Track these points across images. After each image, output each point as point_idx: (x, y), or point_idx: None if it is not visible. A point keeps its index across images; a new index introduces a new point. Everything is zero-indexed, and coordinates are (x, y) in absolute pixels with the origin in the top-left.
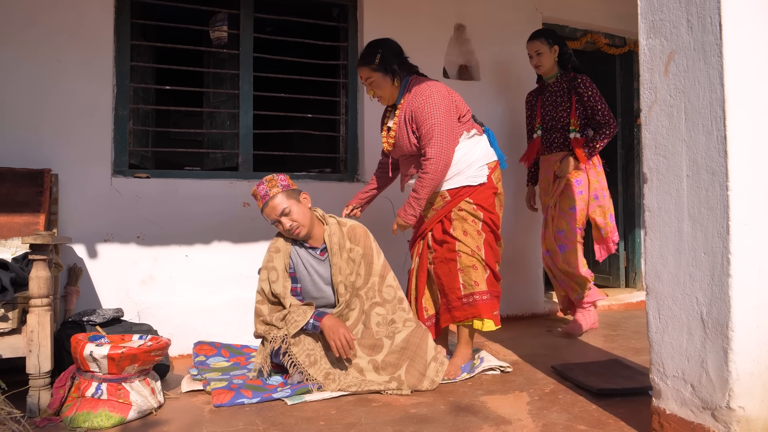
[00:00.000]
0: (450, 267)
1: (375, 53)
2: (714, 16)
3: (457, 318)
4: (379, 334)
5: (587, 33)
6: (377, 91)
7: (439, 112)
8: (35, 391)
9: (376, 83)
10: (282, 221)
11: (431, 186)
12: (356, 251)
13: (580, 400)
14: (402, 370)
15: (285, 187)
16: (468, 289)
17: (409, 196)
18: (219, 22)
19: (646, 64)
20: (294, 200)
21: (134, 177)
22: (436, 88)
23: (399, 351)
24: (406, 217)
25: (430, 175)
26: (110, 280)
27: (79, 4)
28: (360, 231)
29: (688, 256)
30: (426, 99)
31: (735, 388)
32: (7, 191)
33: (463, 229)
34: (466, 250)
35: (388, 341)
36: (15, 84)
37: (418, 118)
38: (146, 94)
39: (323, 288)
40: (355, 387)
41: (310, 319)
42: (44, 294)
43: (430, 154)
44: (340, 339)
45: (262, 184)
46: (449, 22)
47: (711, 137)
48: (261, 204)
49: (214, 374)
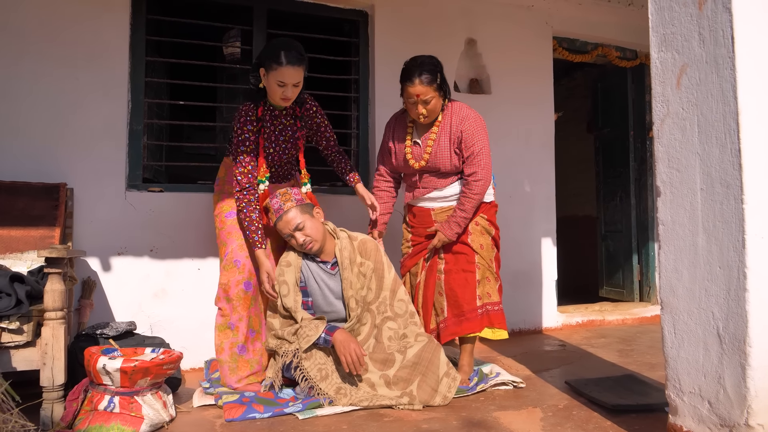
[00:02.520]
0: (468, 278)
1: (437, 72)
2: (726, 29)
3: (470, 329)
4: (391, 348)
5: (598, 46)
6: (429, 110)
7: (485, 136)
8: (48, 404)
9: (434, 102)
10: (295, 236)
11: (477, 203)
12: (367, 265)
13: (594, 416)
14: (414, 385)
15: (299, 202)
16: (483, 300)
17: (456, 215)
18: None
19: (657, 78)
20: (308, 215)
21: (148, 191)
22: (476, 113)
23: (411, 366)
24: (452, 234)
25: (479, 194)
26: (123, 293)
27: (96, 22)
28: (371, 245)
29: (704, 270)
30: (474, 123)
31: (754, 405)
32: (23, 205)
33: (480, 243)
34: (483, 263)
35: (400, 356)
36: (32, 99)
37: (467, 140)
38: (160, 109)
39: (334, 302)
40: (366, 402)
41: (321, 333)
42: (59, 307)
43: (480, 175)
44: (351, 354)
45: (275, 198)
46: (460, 36)
47: (725, 150)
48: (274, 218)
49: (224, 388)
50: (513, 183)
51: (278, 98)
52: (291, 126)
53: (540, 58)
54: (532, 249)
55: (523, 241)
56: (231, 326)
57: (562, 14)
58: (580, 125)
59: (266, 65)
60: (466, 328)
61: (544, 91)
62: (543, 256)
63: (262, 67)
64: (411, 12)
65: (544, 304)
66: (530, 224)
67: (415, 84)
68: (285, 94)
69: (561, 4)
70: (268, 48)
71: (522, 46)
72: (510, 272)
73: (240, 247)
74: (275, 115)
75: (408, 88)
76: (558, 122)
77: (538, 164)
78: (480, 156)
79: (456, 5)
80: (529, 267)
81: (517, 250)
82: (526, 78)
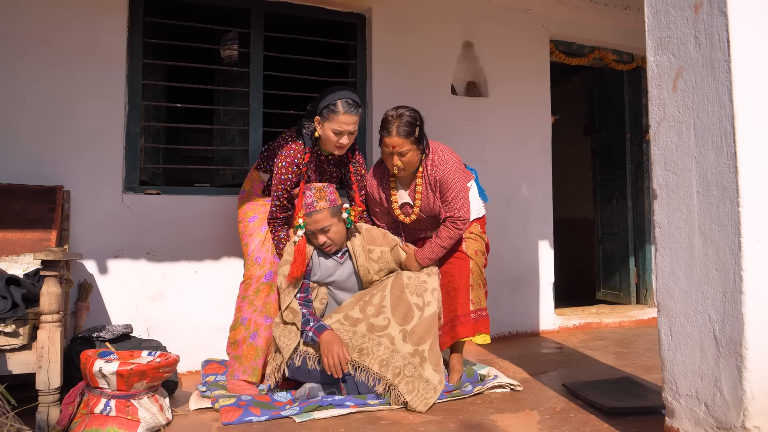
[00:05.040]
0: (462, 284)
1: (415, 126)
2: (722, 32)
3: (464, 333)
4: (410, 287)
5: (595, 49)
6: (407, 162)
7: (461, 177)
8: (44, 408)
9: (410, 155)
10: (318, 236)
11: (458, 237)
12: (378, 250)
13: (591, 419)
14: (426, 345)
15: (332, 203)
16: (475, 305)
17: (435, 243)
18: (230, 41)
19: (654, 81)
20: (336, 218)
21: (145, 194)
22: (450, 155)
23: (426, 326)
24: (424, 261)
25: (460, 232)
26: (120, 296)
27: (94, 24)
28: (376, 232)
29: (700, 272)
30: (449, 167)
31: (750, 408)
32: (19, 208)
33: (474, 249)
34: (476, 270)
35: (419, 312)
36: (29, 102)
37: (443, 186)
38: (157, 112)
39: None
40: (386, 357)
41: (309, 332)
42: (55, 310)
43: (463, 215)
44: (333, 357)
45: (310, 191)
46: (457, 39)
47: (721, 153)
48: (303, 210)
49: (221, 391)
50: (510, 186)
51: (333, 146)
52: (330, 170)
53: (537, 61)
54: (529, 251)
55: (521, 243)
56: (242, 321)
57: (559, 18)
58: (577, 128)
59: (322, 114)
60: (460, 332)
61: (541, 94)
62: (540, 259)
63: (317, 115)
64: (409, 15)
65: (541, 307)
66: (527, 227)
67: (393, 136)
68: (341, 141)
69: (558, 8)
70: (324, 96)
71: (519, 49)
72: (507, 275)
73: (261, 244)
74: (321, 160)
75: (385, 139)
76: (555, 125)
77: (535, 167)
78: (457, 199)
79: (453, 8)
80: (526, 269)
81: (514, 252)
82: (524, 81)
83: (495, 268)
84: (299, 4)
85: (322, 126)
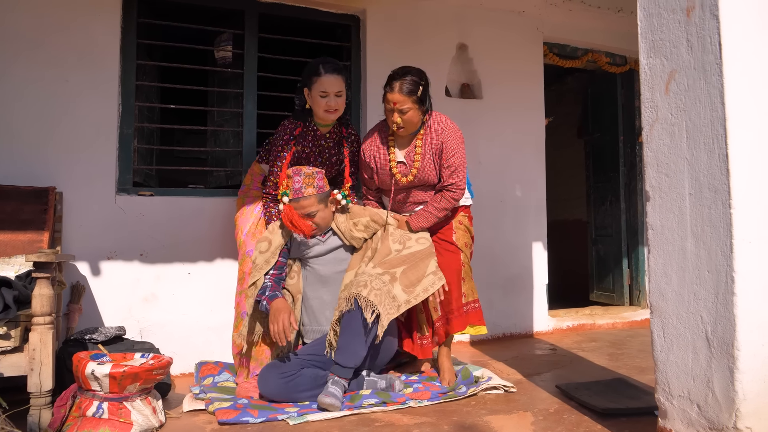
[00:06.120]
0: (454, 277)
1: (419, 85)
2: (714, 35)
3: (458, 327)
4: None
5: (588, 52)
6: (407, 121)
7: (462, 146)
8: (36, 410)
9: (410, 114)
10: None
11: (451, 208)
12: (363, 220)
13: (585, 420)
14: (399, 270)
15: (320, 189)
16: (467, 298)
17: (427, 212)
18: (224, 42)
19: (647, 83)
20: (323, 205)
21: (138, 195)
22: (454, 124)
23: (402, 258)
24: (417, 227)
25: (457, 200)
26: (113, 297)
27: (87, 25)
28: (355, 209)
29: (692, 274)
30: (453, 134)
31: (742, 408)
32: (11, 209)
33: (464, 241)
34: (466, 261)
35: (398, 249)
36: (22, 102)
37: (447, 151)
38: (151, 113)
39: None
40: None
41: (263, 301)
42: (47, 312)
43: (460, 183)
44: (278, 324)
45: (298, 176)
46: (452, 41)
47: (713, 155)
48: (291, 195)
49: (217, 393)
50: (504, 187)
51: (323, 111)
52: (329, 149)
53: (531, 63)
54: (523, 253)
55: (514, 245)
56: (242, 316)
57: (553, 20)
58: (571, 130)
59: (308, 82)
60: (455, 325)
61: (534, 96)
62: (534, 260)
63: (305, 87)
64: (403, 17)
65: (535, 308)
66: (521, 228)
67: (395, 92)
68: (329, 103)
69: (551, 10)
70: (307, 67)
71: (513, 51)
72: (501, 276)
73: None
74: (318, 135)
75: (387, 95)
76: (549, 127)
77: (529, 169)
78: (459, 169)
79: (448, 10)
80: (520, 271)
81: (508, 254)
82: (517, 83)
83: (489, 270)
84: (293, 5)
85: (310, 94)
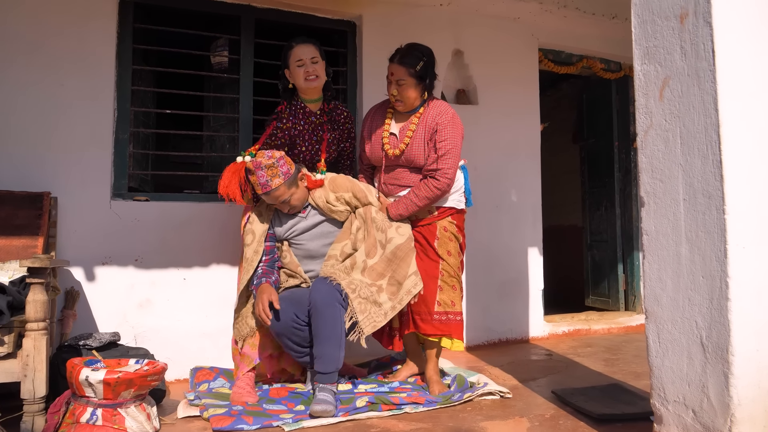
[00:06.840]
0: (429, 284)
1: (420, 59)
2: (707, 42)
3: (426, 332)
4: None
5: (583, 58)
6: (403, 94)
7: (459, 134)
8: (29, 417)
9: (406, 87)
10: (281, 207)
11: (434, 198)
12: (345, 195)
13: (580, 425)
14: (384, 281)
15: (286, 175)
16: (443, 308)
17: (409, 199)
18: (220, 47)
19: (641, 90)
20: (294, 187)
21: (133, 200)
22: (455, 113)
23: (386, 261)
24: (395, 215)
25: (441, 189)
26: (107, 303)
27: (83, 30)
28: (341, 180)
29: (687, 279)
30: (452, 119)
31: (737, 414)
32: (6, 214)
33: (447, 249)
34: (450, 270)
35: (381, 250)
36: (17, 107)
37: (441, 133)
38: (146, 118)
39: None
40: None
41: (254, 291)
42: (41, 318)
43: (448, 171)
44: (259, 304)
45: (261, 170)
46: (447, 47)
47: (707, 161)
48: (260, 190)
49: (212, 400)
50: (499, 193)
51: (302, 80)
52: (322, 126)
53: (526, 69)
54: (518, 258)
55: (510, 250)
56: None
57: (548, 26)
58: (566, 136)
59: (285, 61)
60: (422, 328)
61: (530, 101)
62: (529, 266)
63: (285, 68)
64: (399, 23)
65: (530, 314)
66: (516, 234)
67: (394, 62)
68: (306, 70)
69: (547, 17)
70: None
71: (508, 57)
72: (496, 282)
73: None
74: (307, 112)
75: (389, 64)
76: (544, 132)
77: (524, 174)
78: (449, 156)
79: (443, 17)
80: (515, 276)
81: (503, 259)
82: (513, 89)
83: (484, 275)
84: (289, 11)
85: (290, 72)
